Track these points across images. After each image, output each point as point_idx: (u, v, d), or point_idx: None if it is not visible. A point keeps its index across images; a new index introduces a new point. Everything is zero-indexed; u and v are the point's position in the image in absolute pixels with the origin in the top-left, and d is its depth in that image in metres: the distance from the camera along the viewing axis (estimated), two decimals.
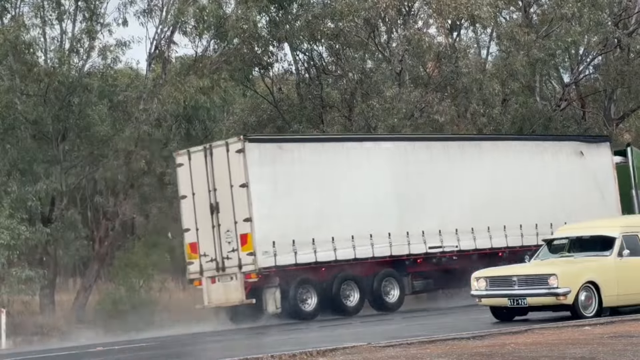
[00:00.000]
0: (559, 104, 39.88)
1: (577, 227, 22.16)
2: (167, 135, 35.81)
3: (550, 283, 19.40)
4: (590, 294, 19.67)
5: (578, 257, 20.69)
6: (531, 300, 19.71)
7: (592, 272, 19.84)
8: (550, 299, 19.52)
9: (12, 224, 30.48)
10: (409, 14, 36.04)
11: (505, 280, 20.26)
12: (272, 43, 36.59)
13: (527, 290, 19.80)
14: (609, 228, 20.95)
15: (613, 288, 19.89)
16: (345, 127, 35.81)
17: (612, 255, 20.25)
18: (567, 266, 20.24)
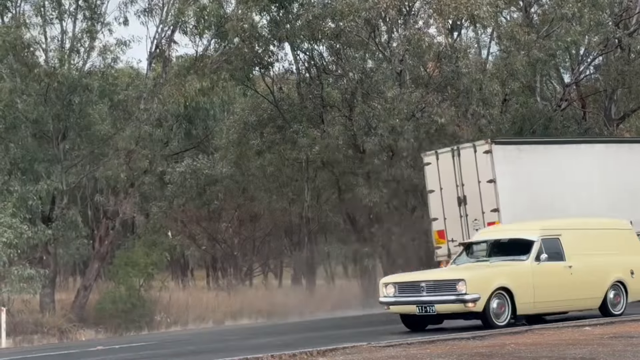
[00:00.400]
0: (559, 104, 39.87)
1: (496, 230, 21.27)
2: (168, 135, 35.84)
3: (459, 289, 18.32)
4: (503, 301, 18.54)
5: (494, 261, 19.70)
6: (440, 307, 18.60)
7: (505, 278, 18.72)
8: (458, 306, 18.40)
9: (14, 222, 30.53)
10: (409, 13, 36.02)
11: (413, 287, 19.13)
12: (272, 42, 36.59)
13: (435, 297, 18.66)
14: (528, 231, 19.91)
15: (529, 295, 18.84)
16: (346, 127, 35.82)
17: (529, 260, 19.21)
18: (478, 271, 19.19)
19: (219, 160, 40.12)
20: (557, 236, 19.76)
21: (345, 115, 36.52)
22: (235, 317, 33.79)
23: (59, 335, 31.53)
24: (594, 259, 20.12)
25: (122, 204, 35.04)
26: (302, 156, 36.43)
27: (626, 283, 20.35)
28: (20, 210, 31.48)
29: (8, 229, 30.37)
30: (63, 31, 35.08)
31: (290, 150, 37.21)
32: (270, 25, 36.00)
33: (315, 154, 35.32)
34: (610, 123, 40.89)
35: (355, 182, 36.30)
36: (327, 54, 37.53)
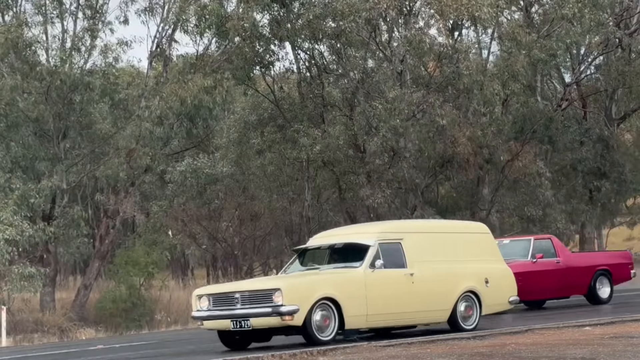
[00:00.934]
0: (560, 103, 39.88)
1: (332, 235, 18.86)
2: (169, 134, 35.85)
3: (275, 300, 16.09)
4: (329, 313, 16.34)
5: (326, 269, 17.51)
6: (255, 321, 16.31)
7: (330, 287, 16.46)
8: (275, 319, 16.14)
9: (16, 220, 30.56)
10: (409, 13, 36.02)
11: (227, 298, 16.74)
12: (273, 42, 36.59)
13: (250, 310, 16.38)
14: (364, 235, 17.74)
15: (360, 307, 16.66)
16: (347, 127, 35.83)
17: (362, 267, 16.99)
18: (298, 280, 17.08)
19: (220, 160, 40.13)
20: (398, 240, 17.57)
21: (346, 114, 36.52)
22: None
23: (59, 334, 31.53)
24: (441, 266, 18.03)
25: (122, 203, 35.06)
26: (302, 155, 36.41)
27: (480, 293, 18.28)
28: (21, 208, 31.51)
29: (9, 227, 30.39)
30: (64, 30, 35.12)
31: (291, 150, 37.19)
32: (271, 24, 36.00)
33: (316, 153, 35.31)
34: (611, 123, 40.92)
35: (356, 182, 36.30)
36: (327, 53, 37.54)
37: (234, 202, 43.28)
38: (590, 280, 24.14)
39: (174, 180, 39.36)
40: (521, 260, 23.11)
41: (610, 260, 24.98)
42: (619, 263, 25.08)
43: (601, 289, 24.35)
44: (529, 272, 22.86)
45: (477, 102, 35.34)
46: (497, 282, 18.67)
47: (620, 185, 40.05)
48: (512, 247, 23.64)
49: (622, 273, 25.09)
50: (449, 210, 38.50)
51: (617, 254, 26.67)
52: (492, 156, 36.21)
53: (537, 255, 23.34)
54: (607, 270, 24.50)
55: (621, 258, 25.50)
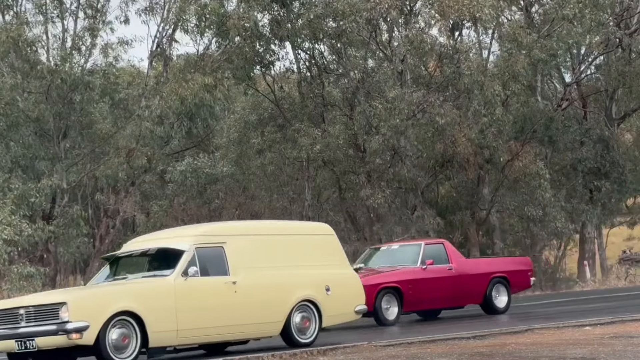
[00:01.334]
0: (560, 103, 39.88)
1: (149, 239, 16.77)
2: (169, 133, 35.84)
3: (61, 316, 13.90)
4: (129, 330, 14.23)
5: (132, 278, 15.42)
6: (41, 341, 14.05)
7: (130, 300, 14.31)
8: (61, 338, 13.91)
9: (14, 220, 30.54)
10: (410, 13, 36.02)
11: (12, 315, 14.48)
12: (273, 41, 36.60)
13: (36, 328, 14.14)
14: (180, 238, 15.75)
15: (169, 321, 14.61)
16: (347, 126, 35.83)
17: (173, 275, 14.95)
18: (89, 292, 14.96)
19: (220, 159, 40.11)
20: (221, 244, 15.59)
21: (346, 114, 36.53)
22: None
23: None
24: (272, 272, 16.06)
25: (122, 203, 35.06)
26: (302, 155, 36.42)
27: (319, 303, 16.40)
28: (20, 207, 31.49)
29: (8, 227, 30.37)
30: (64, 29, 35.13)
31: (291, 149, 37.20)
32: (272, 24, 36.01)
33: (316, 153, 35.32)
34: (611, 123, 40.91)
35: (356, 182, 36.31)
36: (328, 53, 37.55)
37: (234, 201, 43.25)
38: (486, 289, 22.34)
39: (174, 180, 39.32)
40: (410, 266, 21.51)
41: (508, 267, 23.15)
42: (518, 270, 23.29)
43: (498, 297, 22.55)
44: (419, 279, 21.26)
45: (478, 102, 35.34)
46: (340, 290, 16.78)
47: (620, 185, 40.04)
48: (402, 253, 22.17)
49: (521, 281, 23.29)
50: (449, 210, 38.50)
51: (515, 260, 25.40)
52: (492, 156, 36.22)
53: (427, 262, 21.44)
54: (505, 277, 22.71)
55: (520, 264, 23.80)
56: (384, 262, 22.15)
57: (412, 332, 18.69)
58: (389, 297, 20.75)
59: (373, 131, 34.32)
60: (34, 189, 32.18)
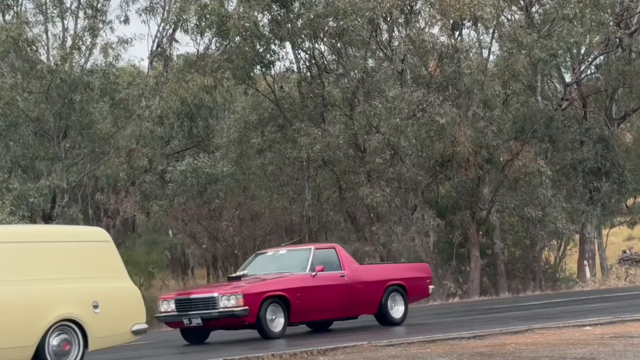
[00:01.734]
0: (560, 103, 39.89)
1: None
2: (169, 133, 35.83)
3: None
4: None
5: None
6: None
7: None
8: None
9: (13, 220, 30.51)
10: (411, 13, 36.04)
11: None
12: (274, 41, 36.61)
13: None
14: None
15: None
16: (347, 126, 35.85)
17: None
18: None
19: (220, 159, 40.12)
20: None
21: (346, 114, 36.54)
22: None
23: None
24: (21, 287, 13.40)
25: (122, 203, 35.05)
26: (302, 155, 36.45)
27: (84, 322, 13.90)
28: (20, 208, 31.47)
29: None
30: (65, 29, 35.12)
31: (291, 149, 37.24)
32: (272, 24, 36.03)
33: (316, 152, 35.35)
34: (611, 123, 40.91)
35: (356, 181, 36.32)
36: (328, 53, 37.57)
37: (235, 201, 43.29)
38: (381, 298, 20.51)
39: (174, 180, 39.32)
40: (299, 273, 19.51)
41: (405, 274, 21.28)
42: (416, 277, 21.47)
43: (394, 307, 20.76)
44: (307, 287, 19.29)
45: (478, 102, 35.35)
46: (113, 307, 14.42)
47: (620, 185, 40.05)
48: (290, 258, 20.29)
49: (419, 289, 21.52)
50: (449, 209, 38.51)
51: (413, 266, 23.30)
52: (492, 156, 36.24)
53: (317, 268, 19.52)
54: (402, 285, 20.89)
55: (418, 271, 21.96)
56: (271, 268, 20.09)
57: (412, 332, 18.69)
58: (274, 307, 18.74)
59: (373, 131, 34.33)
60: (32, 189, 32.16)
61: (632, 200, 49.70)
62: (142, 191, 37.38)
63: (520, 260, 41.82)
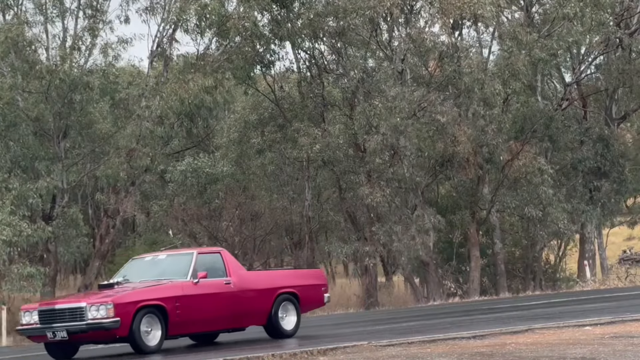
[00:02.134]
0: (560, 103, 39.89)
1: None
2: (169, 133, 35.84)
3: None
4: None
5: None
6: None
7: None
8: None
9: (13, 220, 30.51)
10: (411, 12, 36.04)
11: None
12: (273, 41, 36.61)
13: None
14: None
15: None
16: (347, 126, 35.84)
17: None
18: None
19: (220, 159, 40.12)
20: None
21: (346, 114, 36.54)
22: None
23: None
24: None
25: (122, 203, 35.05)
26: (302, 155, 36.44)
27: None
28: (20, 208, 31.48)
29: (7, 227, 30.35)
30: (64, 29, 35.12)
31: (291, 149, 37.24)
32: (272, 24, 36.03)
33: (316, 152, 35.34)
34: (611, 122, 40.91)
35: (356, 181, 36.32)
36: (328, 53, 37.56)
37: (235, 201, 43.26)
38: (271, 307, 18.77)
39: (174, 180, 39.33)
40: (179, 280, 17.74)
41: (297, 282, 19.53)
42: (310, 285, 19.74)
43: (285, 317, 19.00)
44: (188, 296, 17.52)
45: (478, 102, 35.34)
46: None
47: (620, 184, 40.05)
48: (170, 264, 18.55)
49: (313, 297, 19.83)
50: (449, 209, 38.51)
51: (307, 273, 21.44)
52: (492, 155, 36.23)
53: (199, 275, 17.74)
54: (294, 294, 19.19)
55: (312, 278, 20.18)
56: (148, 275, 18.27)
57: (412, 332, 18.68)
58: (149, 318, 16.94)
59: (373, 131, 34.32)
60: (32, 190, 32.16)
61: (632, 200, 49.70)
62: (142, 191, 37.40)
63: (520, 260, 41.82)
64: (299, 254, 44.63)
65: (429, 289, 35.92)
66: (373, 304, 35.44)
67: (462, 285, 36.75)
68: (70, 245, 35.23)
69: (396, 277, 43.72)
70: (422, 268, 36.28)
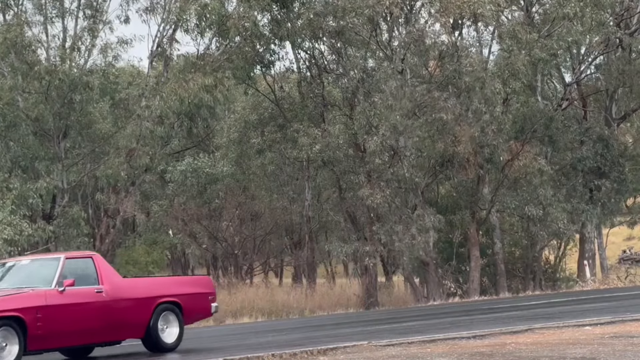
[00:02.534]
0: (560, 103, 39.89)
1: None
2: (169, 133, 35.86)
3: None
4: None
5: None
6: None
7: None
8: None
9: (14, 220, 30.52)
10: (411, 11, 36.04)
11: None
12: (273, 41, 36.62)
13: None
14: None
15: None
16: (347, 126, 35.84)
17: None
18: None
19: (220, 159, 40.15)
20: None
21: (346, 114, 36.54)
22: (235, 316, 33.78)
23: None
24: None
25: (123, 203, 35.06)
26: (302, 155, 36.44)
27: None
28: (20, 207, 31.49)
29: (7, 226, 30.37)
30: (64, 29, 35.12)
31: (291, 149, 37.25)
32: (272, 24, 36.04)
33: (316, 152, 35.34)
34: (611, 122, 40.91)
35: (356, 182, 36.32)
36: (328, 52, 37.57)
37: (235, 201, 43.32)
38: (150, 318, 17.04)
39: (174, 180, 39.37)
40: (42, 288, 15.89)
41: (180, 290, 17.83)
42: (194, 293, 17.99)
43: (166, 329, 17.32)
44: (52, 306, 15.75)
45: (479, 101, 35.34)
46: None
47: (620, 184, 40.04)
48: (33, 270, 16.73)
49: (199, 307, 18.08)
50: (449, 209, 38.51)
51: (191, 280, 20.04)
52: (492, 155, 36.23)
53: (65, 282, 15.98)
54: (176, 303, 17.50)
55: (198, 286, 18.38)
56: (8, 282, 16.48)
57: (412, 332, 18.69)
58: (5, 332, 15.15)
59: (373, 131, 34.32)
60: (32, 189, 32.18)
61: (632, 200, 49.68)
62: (142, 191, 37.42)
63: (520, 260, 41.81)
64: (299, 253, 44.68)
65: (429, 289, 35.92)
66: (373, 304, 35.43)
67: (462, 285, 36.75)
68: (70, 245, 35.22)
69: (396, 277, 43.73)
70: (422, 268, 36.28)
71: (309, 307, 34.82)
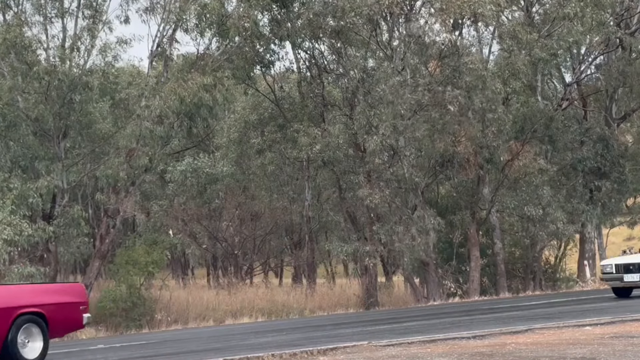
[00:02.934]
0: (560, 103, 39.89)
1: None
2: (169, 133, 35.86)
3: None
4: None
5: None
6: None
7: None
8: None
9: (14, 219, 30.52)
10: (411, 11, 36.04)
11: None
12: (273, 41, 36.62)
13: None
14: None
15: None
16: (347, 126, 35.84)
17: None
18: None
19: (220, 159, 40.15)
20: None
21: (346, 114, 36.54)
22: (235, 316, 33.82)
23: None
24: None
25: (122, 203, 35.04)
26: (302, 155, 36.45)
27: None
28: (20, 207, 31.48)
29: (7, 227, 30.37)
30: (64, 29, 35.11)
31: (291, 149, 37.25)
32: (272, 24, 36.04)
33: (316, 152, 35.35)
34: (612, 122, 40.91)
35: (356, 182, 36.31)
36: (327, 52, 37.57)
37: (235, 201, 43.34)
38: (7, 331, 15.26)
39: (174, 180, 39.36)
40: None
41: (46, 299, 16.06)
42: (63, 303, 16.30)
43: (28, 344, 15.58)
44: None
45: (480, 101, 35.34)
46: None
47: (620, 184, 40.04)
48: None
49: (68, 318, 16.41)
50: (449, 209, 38.51)
51: (60, 288, 17.87)
52: (493, 156, 36.23)
53: None
54: (40, 314, 15.78)
55: (67, 295, 16.66)
56: None
57: (412, 332, 18.68)
58: None
59: (373, 131, 34.32)
60: (32, 189, 32.17)
61: (632, 200, 49.69)
62: (142, 191, 37.40)
63: (520, 260, 41.82)
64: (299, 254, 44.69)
65: (428, 289, 35.92)
66: (373, 304, 35.44)
67: (462, 285, 36.76)
68: (70, 245, 35.24)
69: (396, 277, 43.75)
70: (422, 268, 36.28)
71: (309, 307, 34.84)
